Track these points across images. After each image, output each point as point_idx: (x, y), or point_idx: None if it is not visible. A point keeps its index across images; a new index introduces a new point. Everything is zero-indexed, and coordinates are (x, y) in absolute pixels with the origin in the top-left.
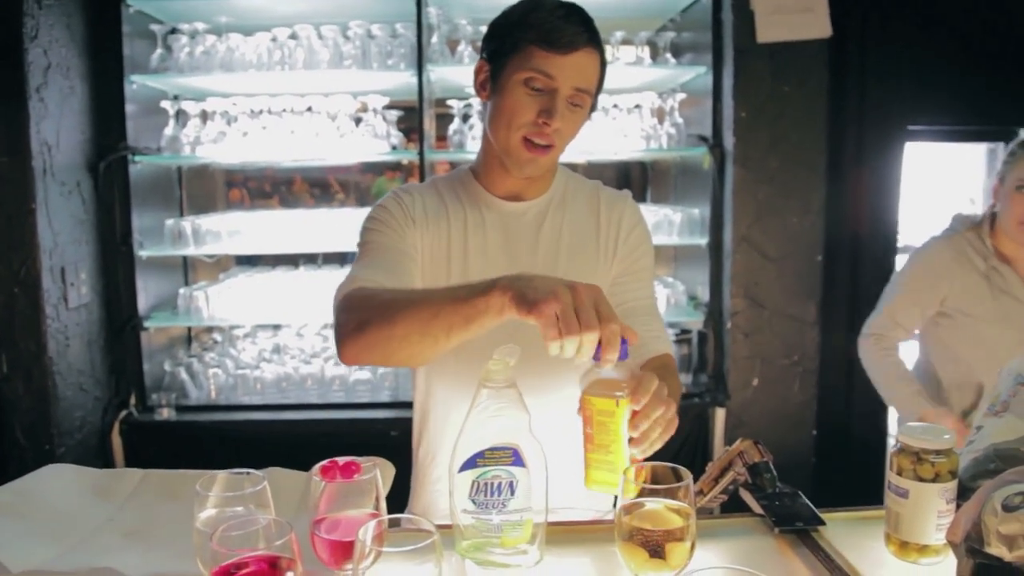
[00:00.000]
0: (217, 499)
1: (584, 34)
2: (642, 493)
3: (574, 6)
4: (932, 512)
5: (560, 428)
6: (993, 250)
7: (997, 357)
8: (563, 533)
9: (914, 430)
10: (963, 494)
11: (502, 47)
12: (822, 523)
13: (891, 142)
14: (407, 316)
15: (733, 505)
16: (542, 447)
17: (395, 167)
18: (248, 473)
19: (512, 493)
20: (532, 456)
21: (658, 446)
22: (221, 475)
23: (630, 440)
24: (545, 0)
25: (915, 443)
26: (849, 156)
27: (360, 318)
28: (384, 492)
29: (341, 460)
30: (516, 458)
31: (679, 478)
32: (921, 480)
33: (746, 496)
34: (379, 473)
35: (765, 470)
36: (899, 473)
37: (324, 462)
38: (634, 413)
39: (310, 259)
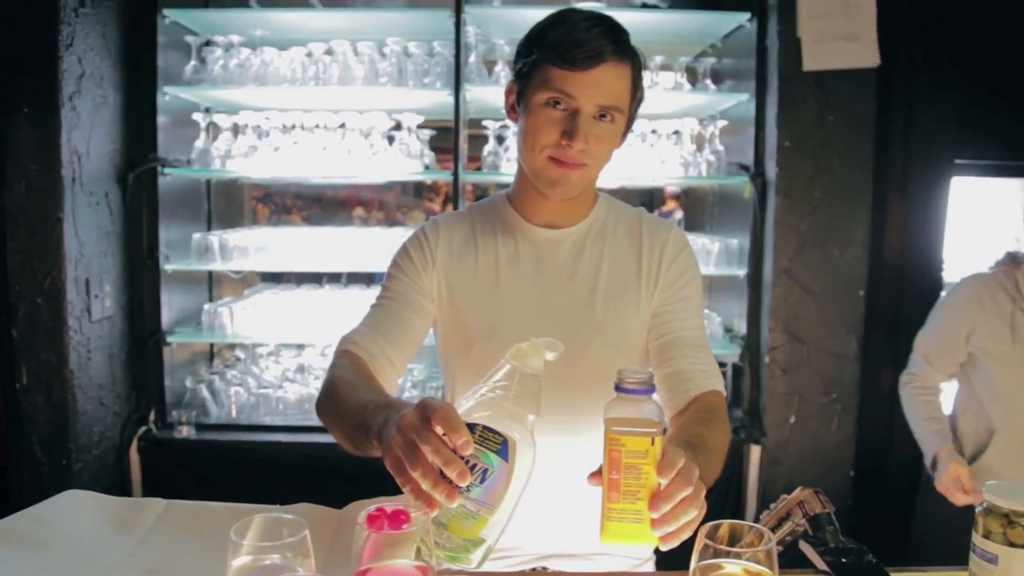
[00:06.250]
0: (252, 547)
1: (609, 46)
2: (718, 554)
3: (600, 17)
4: None
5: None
6: (1022, 292)
7: (1012, 404)
8: None
9: (1003, 489)
10: None
11: (525, 67)
12: None
13: (938, 175)
14: (336, 427)
15: (788, 559)
16: (535, 453)
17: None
18: (285, 516)
19: (481, 481)
20: (520, 456)
21: (683, 536)
22: (257, 520)
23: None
24: (569, 13)
25: (1005, 504)
26: (894, 189)
27: (320, 396)
28: None
29: (388, 506)
30: (503, 449)
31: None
32: (1012, 545)
33: (807, 550)
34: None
35: (828, 522)
36: (986, 536)
37: (371, 508)
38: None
39: (334, 278)
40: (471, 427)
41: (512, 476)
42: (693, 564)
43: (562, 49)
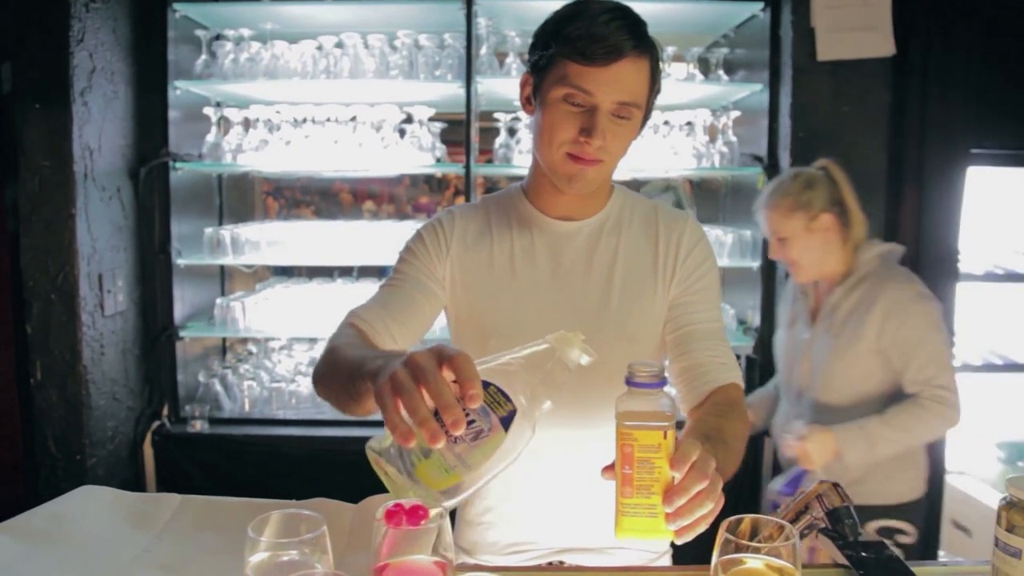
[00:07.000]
0: (270, 543)
1: (629, 40)
2: (739, 548)
3: (619, 8)
4: None
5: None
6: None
7: (783, 378)
8: None
9: None
10: None
11: (541, 60)
12: None
13: (953, 165)
14: (329, 385)
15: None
16: (529, 439)
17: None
18: (303, 512)
19: (472, 440)
20: (519, 433)
21: (699, 529)
22: (275, 516)
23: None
24: (588, 5)
25: None
26: (909, 179)
27: (317, 364)
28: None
29: (407, 503)
30: (508, 419)
31: (781, 532)
32: None
33: (826, 543)
34: (448, 520)
35: (847, 516)
36: (1009, 530)
37: (389, 504)
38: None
39: (345, 271)
40: (485, 385)
41: (502, 448)
42: (715, 559)
43: (580, 44)
